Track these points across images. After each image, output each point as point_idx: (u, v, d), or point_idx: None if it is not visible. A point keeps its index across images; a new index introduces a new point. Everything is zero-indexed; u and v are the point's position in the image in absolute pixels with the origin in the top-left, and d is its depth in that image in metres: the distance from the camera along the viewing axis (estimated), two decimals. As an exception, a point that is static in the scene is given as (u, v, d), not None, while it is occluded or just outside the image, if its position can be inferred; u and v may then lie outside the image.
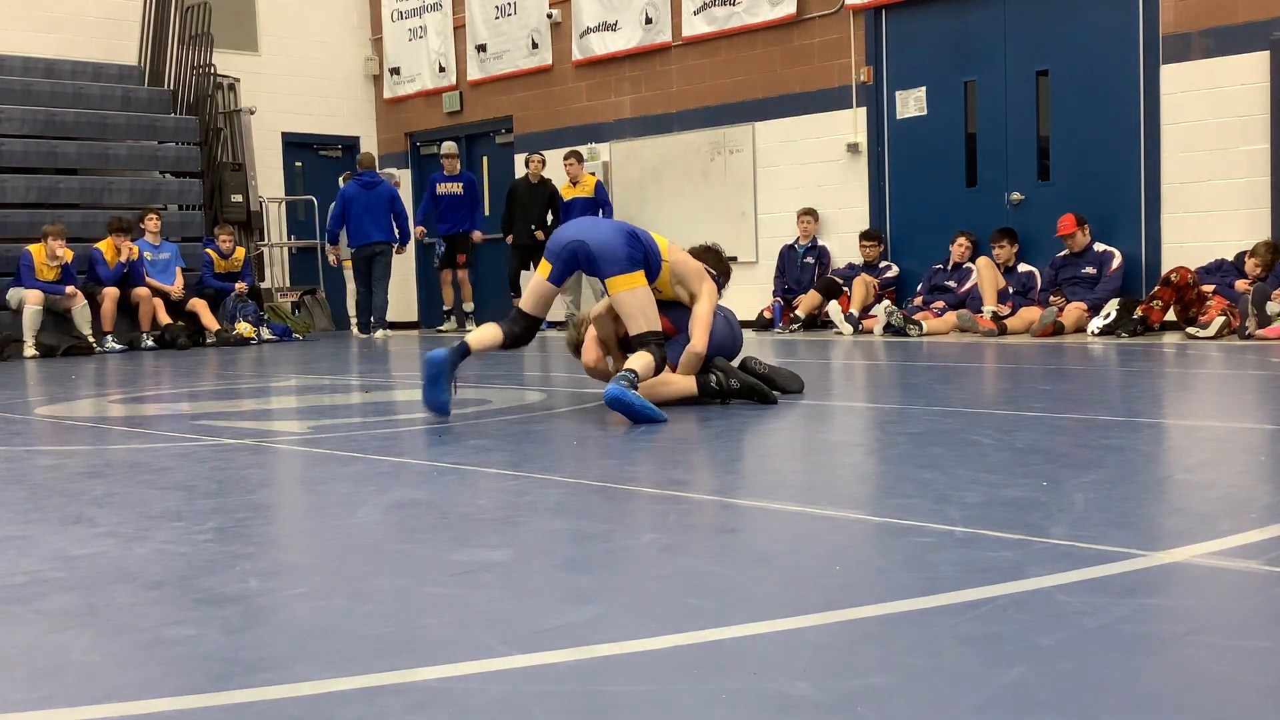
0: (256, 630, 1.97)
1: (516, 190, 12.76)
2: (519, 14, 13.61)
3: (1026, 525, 2.49)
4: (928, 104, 10.69)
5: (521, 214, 12.64)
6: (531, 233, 12.53)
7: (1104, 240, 9.43)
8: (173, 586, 2.28)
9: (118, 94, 13.23)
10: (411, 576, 2.29)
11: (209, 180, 13.54)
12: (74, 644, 1.91)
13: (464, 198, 13.14)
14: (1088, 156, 9.76)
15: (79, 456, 4.23)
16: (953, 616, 1.89)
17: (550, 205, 12.60)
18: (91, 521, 2.93)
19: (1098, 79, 9.65)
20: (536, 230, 12.53)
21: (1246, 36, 8.81)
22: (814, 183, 11.33)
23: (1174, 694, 1.55)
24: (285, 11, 14.74)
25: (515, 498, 3.07)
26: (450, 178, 13.12)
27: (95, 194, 12.56)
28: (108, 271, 11.38)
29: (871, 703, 1.53)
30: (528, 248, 12.63)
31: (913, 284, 10.64)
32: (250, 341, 11.80)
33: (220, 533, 2.75)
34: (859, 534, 2.60)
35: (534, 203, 12.60)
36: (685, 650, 1.78)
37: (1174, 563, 2.21)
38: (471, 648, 1.81)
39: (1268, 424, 4.18)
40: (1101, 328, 8.61)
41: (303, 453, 4.22)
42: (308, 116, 14.92)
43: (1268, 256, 8.38)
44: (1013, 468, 3.24)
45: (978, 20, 10.34)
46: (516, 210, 12.68)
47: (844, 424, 4.69)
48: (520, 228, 12.61)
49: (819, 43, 11.19)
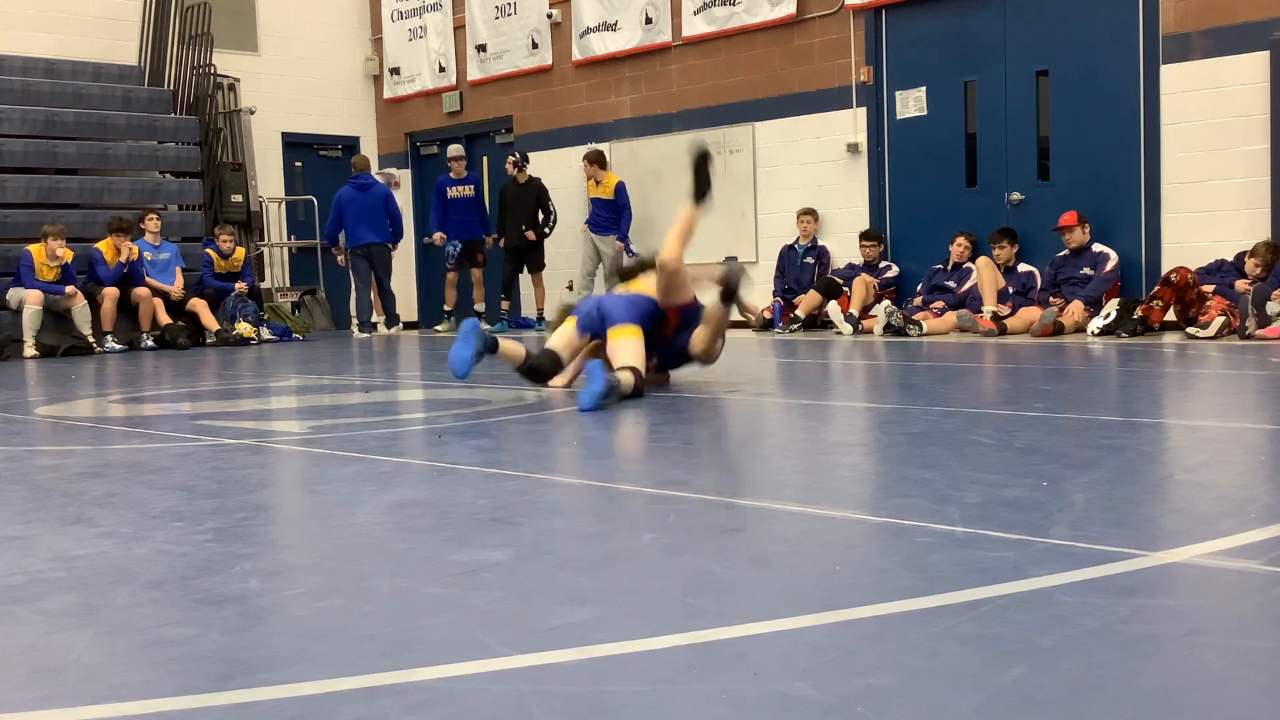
0: (256, 630, 1.97)
1: (505, 192, 12.78)
2: (519, 14, 13.61)
3: (1026, 525, 2.49)
4: (927, 104, 10.69)
5: (510, 215, 12.64)
6: (521, 233, 12.54)
7: (1104, 240, 9.43)
8: (172, 587, 2.28)
9: (118, 94, 13.23)
10: (411, 576, 2.29)
11: (209, 180, 13.54)
12: (74, 644, 1.91)
13: (475, 199, 13.07)
14: (1088, 157, 9.76)
15: (79, 456, 4.23)
16: (952, 617, 1.89)
17: (539, 204, 12.60)
18: (91, 521, 2.93)
19: (1098, 79, 9.65)
20: (527, 230, 12.53)
21: (1246, 36, 8.81)
22: (814, 183, 11.33)
23: (1174, 694, 1.55)
24: (285, 11, 14.74)
25: (515, 497, 3.07)
26: (459, 181, 13.06)
27: (95, 194, 12.56)
28: (108, 271, 11.38)
29: (871, 703, 1.53)
30: (519, 250, 12.64)
31: (913, 284, 10.64)
32: (250, 341, 11.80)
33: (220, 533, 2.75)
34: (859, 534, 2.60)
35: (521, 203, 12.60)
36: (685, 650, 1.78)
37: (1174, 563, 2.21)
38: (471, 648, 1.81)
39: (1268, 424, 4.18)
40: (1101, 328, 8.61)
41: (302, 453, 4.22)
42: (308, 116, 14.93)
43: (1268, 256, 8.38)
44: (1013, 468, 3.24)
45: (977, 21, 10.35)
46: (506, 212, 12.69)
47: (844, 424, 4.69)
48: (511, 229, 12.61)
49: (819, 43, 11.19)
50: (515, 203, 12.61)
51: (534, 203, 12.57)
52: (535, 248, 12.71)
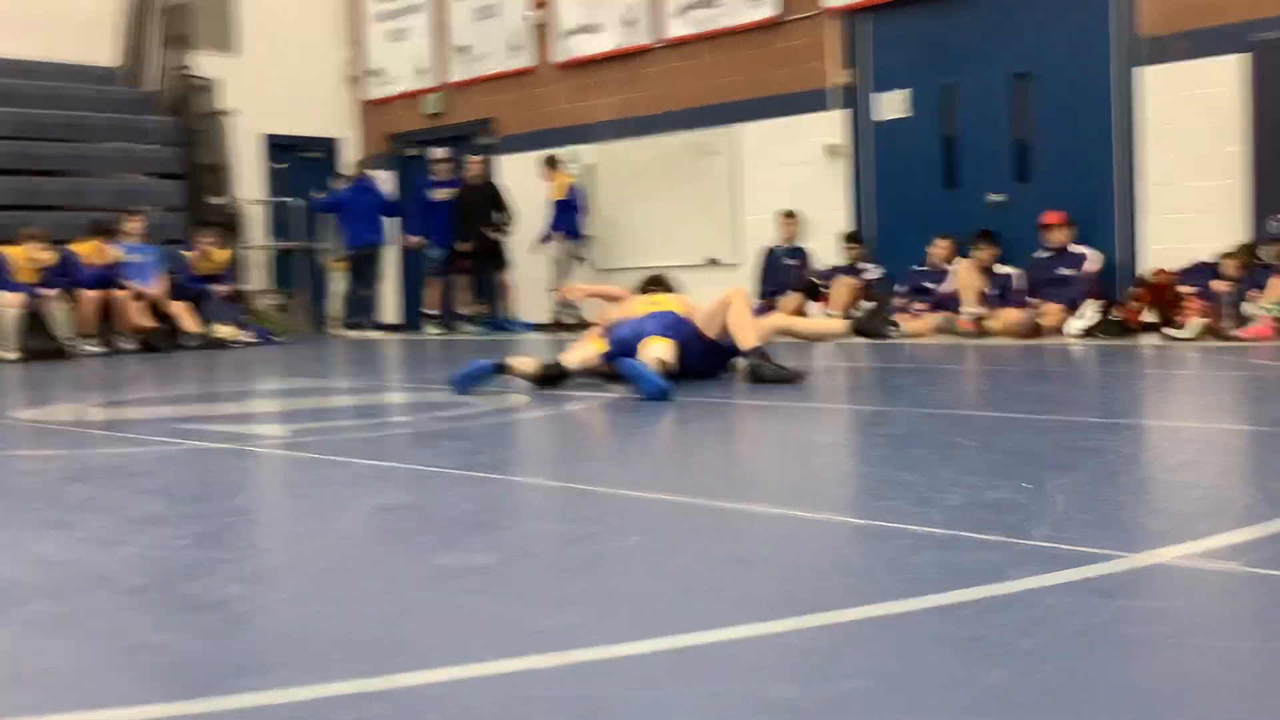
0: (239, 636, 1.96)
1: (461, 195, 12.79)
2: (500, 15, 13.59)
3: (1008, 527, 2.50)
4: (908, 106, 10.72)
5: (470, 217, 12.64)
6: (482, 234, 12.54)
7: (1082, 242, 9.48)
8: (154, 592, 2.27)
9: (97, 95, 13.15)
10: (396, 581, 2.29)
11: (189, 182, 13.46)
12: (54, 650, 1.90)
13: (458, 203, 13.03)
14: (1067, 159, 9.80)
15: (59, 461, 4.20)
16: (935, 619, 1.90)
17: (495, 205, 12.65)
18: (72, 526, 2.91)
19: (1076, 82, 9.69)
20: (488, 229, 12.56)
21: (1224, 39, 8.86)
22: (795, 185, 11.35)
23: (1156, 696, 1.56)
24: (266, 13, 14.66)
25: (499, 501, 3.06)
26: (443, 183, 13.00)
27: (75, 196, 12.48)
28: (88, 274, 11.31)
29: (855, 706, 1.54)
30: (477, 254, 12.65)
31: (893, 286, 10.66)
32: (231, 344, 11.75)
33: (202, 537, 2.73)
34: (841, 536, 2.61)
35: (479, 204, 12.62)
36: (671, 654, 1.78)
37: (1155, 564, 2.22)
38: (456, 652, 1.81)
39: (1246, 425, 4.21)
40: (1080, 329, 8.65)
41: (285, 456, 4.21)
42: (288, 118, 14.85)
43: (1245, 258, 8.43)
44: (994, 470, 3.25)
45: (957, 23, 10.38)
46: (463, 214, 12.71)
47: (826, 426, 4.70)
48: (472, 231, 12.62)
49: (800, 45, 11.21)
50: (471, 205, 12.62)
51: (489, 204, 12.59)
52: (495, 249, 12.72)
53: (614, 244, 12.57)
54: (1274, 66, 8.60)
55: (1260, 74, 8.66)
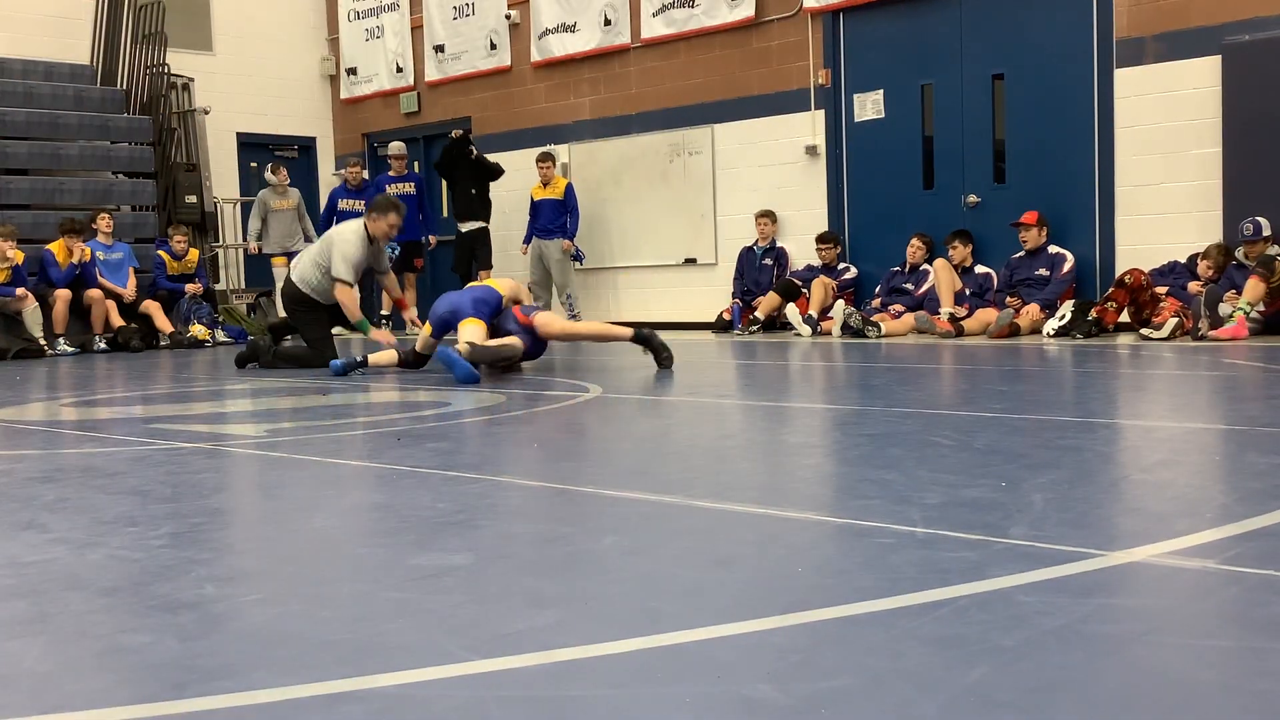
0: (213, 637, 1.94)
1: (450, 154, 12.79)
2: (477, 15, 13.56)
3: (986, 526, 2.50)
4: (885, 107, 10.75)
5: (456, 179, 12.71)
6: (471, 213, 12.64)
7: (1059, 242, 9.53)
8: (127, 593, 2.25)
9: (69, 93, 13.05)
10: (371, 581, 2.27)
11: (162, 181, 13.38)
12: (25, 652, 1.88)
13: (415, 198, 12.77)
14: (1043, 159, 9.85)
15: (30, 461, 4.16)
16: (914, 617, 1.89)
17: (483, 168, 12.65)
18: (43, 527, 2.88)
19: (1053, 83, 9.74)
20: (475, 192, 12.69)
21: (1198, 41, 8.92)
22: (773, 185, 11.37)
23: (1134, 693, 1.56)
24: (240, 11, 14.60)
25: (475, 501, 3.05)
26: (399, 178, 12.88)
27: (47, 195, 12.39)
28: (59, 273, 11.23)
29: (835, 705, 1.53)
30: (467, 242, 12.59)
31: (871, 286, 10.69)
32: (205, 344, 11.69)
33: (175, 538, 2.71)
34: (820, 535, 2.60)
35: (468, 172, 12.60)
36: (648, 654, 1.77)
37: (1132, 562, 2.22)
38: (432, 653, 1.80)
39: (1221, 424, 4.23)
40: (1057, 329, 8.69)
41: (259, 456, 4.17)
42: (263, 117, 14.79)
43: (1219, 258, 8.49)
44: (972, 468, 3.26)
45: (934, 24, 10.42)
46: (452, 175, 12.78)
47: (804, 425, 4.70)
48: (460, 190, 12.72)
49: (777, 45, 11.23)
50: (461, 169, 12.55)
51: (480, 173, 12.51)
52: (483, 239, 12.60)
53: (591, 244, 12.56)
54: (1243, 69, 8.67)
55: (1229, 77, 8.72)
